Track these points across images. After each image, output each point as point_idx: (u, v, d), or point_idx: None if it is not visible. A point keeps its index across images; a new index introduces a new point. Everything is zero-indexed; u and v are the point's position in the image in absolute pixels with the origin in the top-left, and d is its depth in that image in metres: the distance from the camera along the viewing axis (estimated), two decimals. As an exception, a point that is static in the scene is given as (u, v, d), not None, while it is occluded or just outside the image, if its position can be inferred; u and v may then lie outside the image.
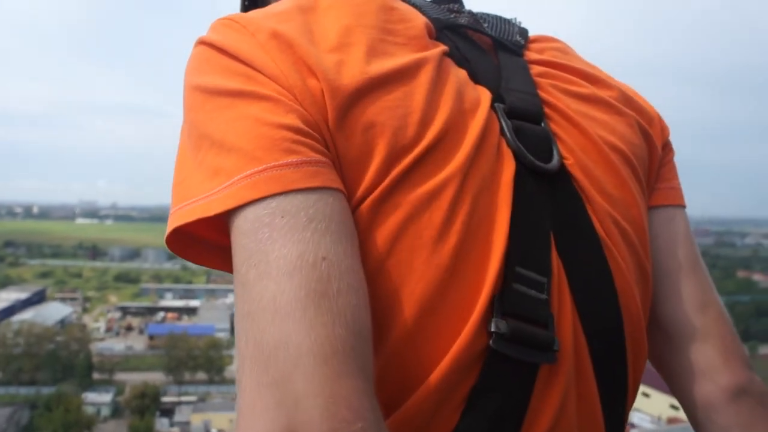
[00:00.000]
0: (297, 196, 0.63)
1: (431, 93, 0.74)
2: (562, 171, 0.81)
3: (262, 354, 0.58)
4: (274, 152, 0.65)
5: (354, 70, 0.72)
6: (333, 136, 0.69)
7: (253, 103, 0.68)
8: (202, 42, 0.77)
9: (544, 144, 0.81)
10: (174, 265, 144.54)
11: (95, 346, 77.80)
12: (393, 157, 0.70)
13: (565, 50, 0.98)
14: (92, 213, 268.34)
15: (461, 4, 0.95)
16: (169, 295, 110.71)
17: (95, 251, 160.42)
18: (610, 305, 0.79)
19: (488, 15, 0.96)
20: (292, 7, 0.78)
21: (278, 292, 0.59)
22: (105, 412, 60.90)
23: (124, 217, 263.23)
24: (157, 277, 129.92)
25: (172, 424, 55.08)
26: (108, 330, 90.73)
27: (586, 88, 0.91)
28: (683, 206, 0.97)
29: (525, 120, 0.81)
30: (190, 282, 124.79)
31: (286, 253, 0.60)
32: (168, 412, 58.07)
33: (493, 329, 0.69)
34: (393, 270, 0.69)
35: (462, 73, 0.81)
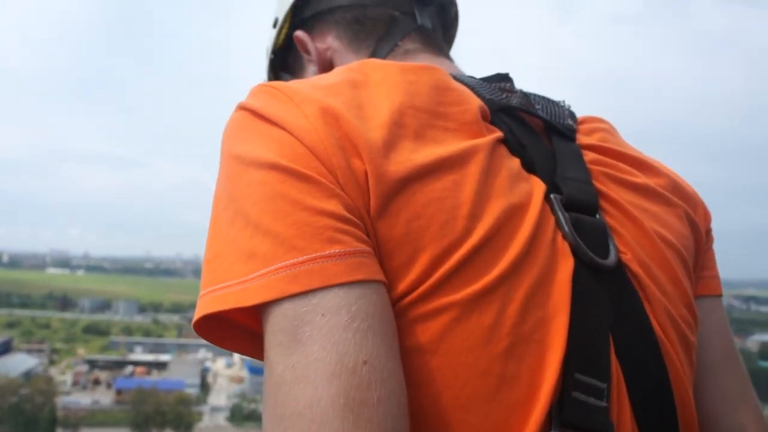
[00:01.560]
0: (339, 291, 0.60)
1: (482, 185, 0.71)
2: (619, 266, 0.78)
3: None
4: (315, 242, 0.61)
5: (401, 156, 0.68)
6: (374, 223, 0.66)
7: (292, 183, 0.64)
8: (242, 108, 0.74)
9: (601, 238, 0.77)
10: (145, 318, 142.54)
11: (61, 400, 76.02)
12: (440, 254, 0.66)
13: (612, 132, 0.95)
14: (63, 262, 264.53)
15: (512, 83, 0.91)
16: (139, 348, 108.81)
17: (65, 301, 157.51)
18: (668, 410, 0.76)
19: (538, 96, 0.91)
20: (342, 81, 0.75)
21: (315, 399, 0.56)
22: (68, 469, 58.93)
23: (95, 267, 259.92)
24: (128, 330, 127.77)
25: (137, 483, 53.31)
26: (75, 383, 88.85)
27: (639, 178, 0.87)
28: (721, 295, 0.95)
29: (581, 212, 0.78)
30: (161, 336, 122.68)
31: (326, 356, 0.57)
32: (133, 470, 56.28)
33: None
34: (438, 373, 0.65)
35: (515, 163, 0.77)
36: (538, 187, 0.76)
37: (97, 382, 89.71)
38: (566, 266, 0.72)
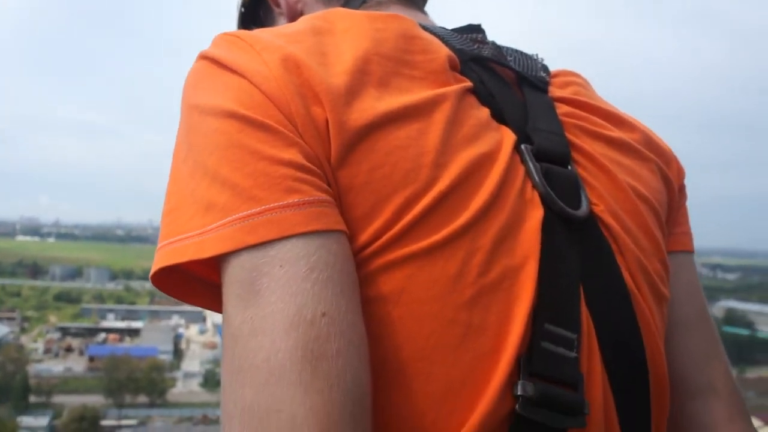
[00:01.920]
0: (297, 242, 0.59)
1: (447, 133, 0.69)
2: (591, 218, 0.77)
3: (252, 418, 0.54)
4: (273, 192, 0.60)
5: (364, 104, 0.66)
6: (335, 172, 0.64)
7: (250, 132, 0.63)
8: (203, 56, 0.72)
9: (573, 189, 0.76)
10: (117, 286, 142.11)
11: (33, 368, 76.07)
12: (403, 203, 0.64)
13: (586, 86, 0.94)
14: (34, 230, 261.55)
15: (484, 35, 0.89)
16: (111, 316, 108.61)
17: (35, 269, 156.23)
18: (639, 362, 0.75)
19: (511, 49, 0.90)
20: (305, 28, 0.73)
21: (273, 352, 0.55)
22: (41, 435, 59.35)
23: (66, 234, 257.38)
24: (100, 298, 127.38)
25: (111, 449, 53.88)
26: (47, 351, 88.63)
27: (612, 131, 0.87)
28: (693, 252, 0.95)
29: (552, 162, 0.77)
30: (133, 303, 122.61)
31: (283, 308, 0.56)
32: (107, 436, 56.79)
33: (519, 393, 0.64)
34: (399, 324, 0.63)
35: (484, 112, 0.76)
36: (507, 137, 0.75)
37: (69, 349, 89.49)
38: (535, 215, 0.71)
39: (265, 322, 0.56)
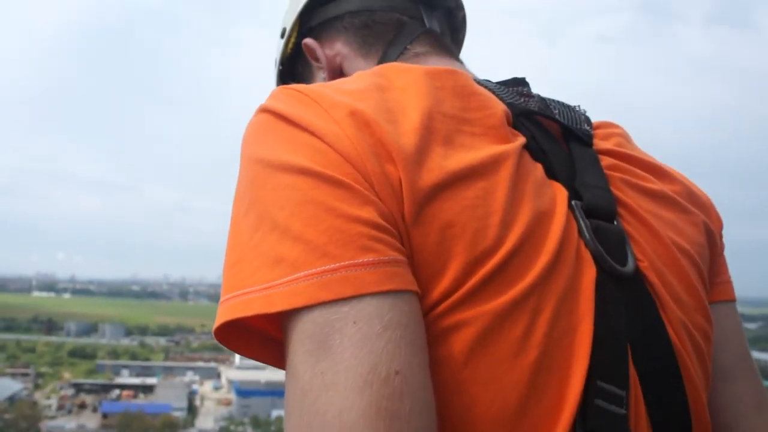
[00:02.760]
0: (371, 300, 0.58)
1: (512, 191, 0.70)
2: (636, 274, 0.77)
3: None
4: (348, 249, 0.60)
5: (432, 163, 0.67)
6: (408, 230, 0.64)
7: (326, 188, 0.63)
8: (265, 110, 0.71)
9: (620, 245, 0.77)
10: (131, 342, 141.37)
11: (45, 425, 75.01)
12: (473, 262, 0.65)
13: (626, 137, 0.94)
14: (49, 286, 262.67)
15: (529, 88, 0.90)
16: (125, 372, 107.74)
17: (51, 325, 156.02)
18: (683, 419, 0.76)
19: (554, 101, 0.90)
20: (368, 85, 0.73)
21: (345, 408, 0.54)
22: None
23: (82, 290, 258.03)
24: (114, 353, 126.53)
25: None
26: (60, 408, 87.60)
27: (654, 184, 0.87)
28: (735, 300, 0.95)
29: (600, 218, 0.77)
30: (147, 359, 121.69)
31: (357, 365, 0.56)
32: (119, 495, 55.53)
33: None
34: (468, 385, 0.63)
35: (539, 169, 0.77)
36: (560, 193, 0.76)
37: (83, 405, 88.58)
38: (589, 274, 0.72)
39: (338, 377, 0.55)
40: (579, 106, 0.92)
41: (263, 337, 0.68)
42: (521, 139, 0.76)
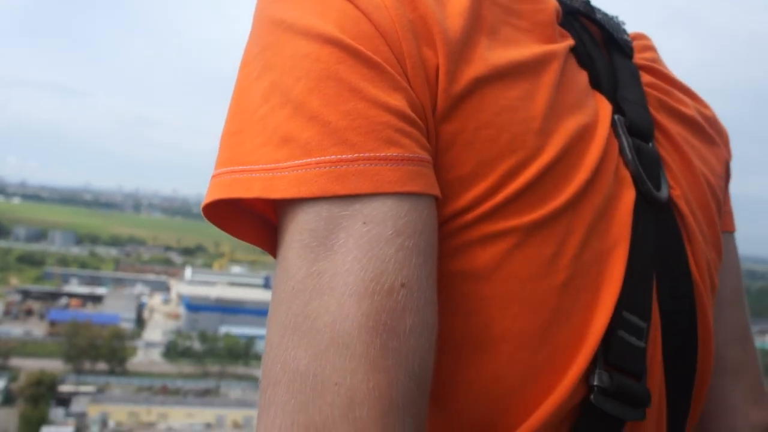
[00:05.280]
0: (387, 200, 0.52)
1: (554, 98, 0.64)
2: (668, 202, 0.74)
3: (304, 386, 0.48)
4: (370, 139, 0.53)
5: (475, 54, 0.60)
6: (438, 125, 0.58)
7: (352, 64, 0.55)
8: None
9: (656, 169, 0.73)
10: (82, 250, 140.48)
11: (-9, 329, 74.97)
12: (508, 171, 0.59)
13: (656, 51, 0.90)
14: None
15: None
16: (74, 280, 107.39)
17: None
18: (691, 353, 0.75)
19: (595, 6, 0.83)
20: None
21: (340, 317, 0.49)
22: (-4, 398, 58.77)
23: (33, 196, 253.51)
24: (63, 261, 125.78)
25: (67, 415, 53.41)
26: (6, 313, 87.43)
27: (688, 108, 0.84)
28: (734, 230, 0.93)
29: (639, 138, 0.73)
30: (97, 268, 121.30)
31: (360, 270, 0.50)
32: (64, 401, 56.30)
33: (596, 383, 0.62)
34: (489, 302, 0.59)
35: (584, 76, 0.72)
36: (604, 106, 0.71)
37: (29, 312, 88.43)
38: (628, 196, 0.68)
39: (336, 281, 0.50)
40: (617, 16, 0.86)
41: (257, 216, 0.61)
42: (569, 41, 0.71)
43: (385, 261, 0.50)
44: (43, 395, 55.51)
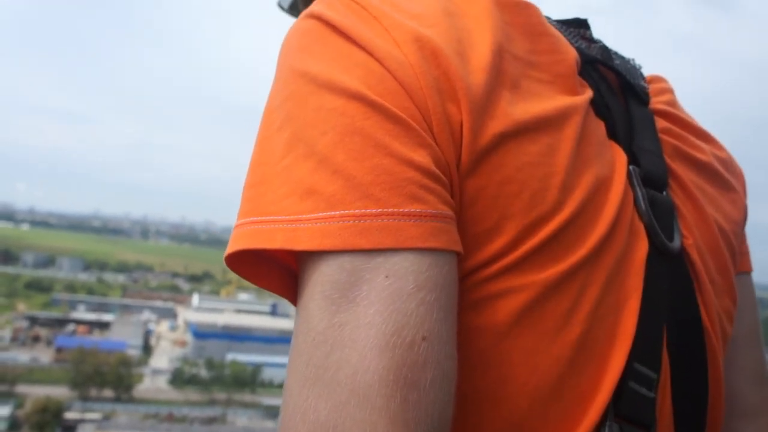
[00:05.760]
0: (409, 255, 0.52)
1: (575, 152, 0.64)
2: (681, 252, 0.74)
3: None
4: (394, 195, 0.53)
5: (498, 109, 0.60)
6: (462, 180, 0.58)
7: (378, 120, 0.55)
8: (314, 16, 0.63)
9: (669, 218, 0.73)
10: (89, 277, 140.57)
11: (-2, 355, 74.80)
12: (529, 226, 0.60)
13: (673, 92, 0.89)
14: (8, 216, 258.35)
15: (591, 31, 0.83)
16: (81, 307, 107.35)
17: (7, 255, 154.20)
18: (702, 403, 0.74)
19: (613, 51, 0.84)
20: (435, 8, 0.64)
21: (361, 369, 0.49)
22: (1, 426, 58.39)
23: (41, 222, 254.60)
24: (71, 288, 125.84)
25: (73, 442, 53.11)
26: (13, 339, 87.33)
27: (704, 154, 0.83)
28: (752, 271, 0.93)
29: (654, 188, 0.73)
30: (105, 295, 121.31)
31: (381, 324, 0.50)
32: (70, 429, 55.96)
33: None
34: (506, 357, 0.59)
35: (601, 127, 0.72)
36: (620, 157, 0.71)
37: (36, 339, 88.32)
38: (641, 249, 0.69)
39: (358, 334, 0.50)
40: (633, 59, 0.87)
41: (279, 265, 0.61)
42: (588, 93, 0.71)
43: (406, 315, 0.50)
44: (49, 422, 55.20)
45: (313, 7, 0.63)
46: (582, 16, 0.83)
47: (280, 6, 1.03)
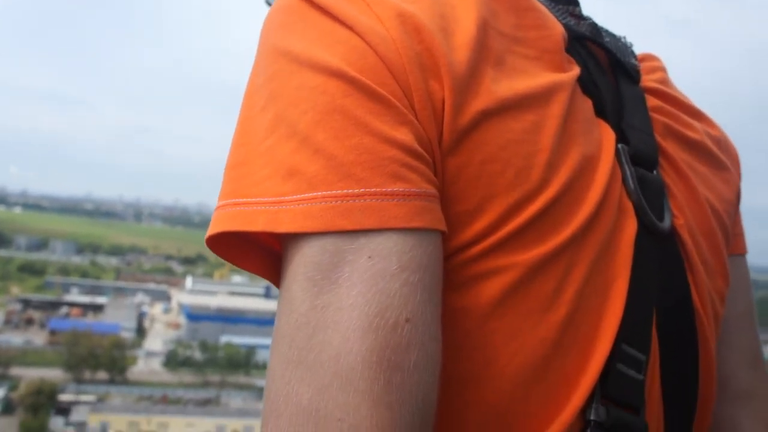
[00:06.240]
0: (392, 235, 0.52)
1: (561, 130, 0.63)
2: (671, 232, 0.73)
3: (306, 421, 0.48)
4: (376, 174, 0.52)
5: (482, 86, 0.59)
6: (444, 158, 0.57)
7: (359, 98, 0.54)
8: None
9: (659, 198, 0.73)
10: (82, 260, 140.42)
11: (-9, 338, 74.87)
12: (513, 205, 0.59)
13: (666, 71, 0.88)
14: (0, 199, 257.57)
15: (581, 8, 0.81)
16: (75, 289, 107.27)
17: (0, 239, 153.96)
18: (692, 385, 0.74)
19: (603, 28, 0.82)
20: None
21: (344, 351, 0.48)
22: (-4, 407, 58.59)
23: (33, 205, 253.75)
24: (64, 271, 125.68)
25: (67, 424, 53.24)
26: (7, 322, 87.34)
27: (695, 132, 0.82)
28: (746, 253, 0.92)
29: (643, 166, 0.72)
30: (98, 278, 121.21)
31: (364, 305, 0.49)
32: (64, 411, 56.11)
33: (593, 417, 0.61)
34: (491, 338, 0.58)
35: (589, 105, 0.70)
36: (607, 135, 0.70)
37: (30, 321, 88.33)
38: (630, 228, 0.68)
39: (340, 315, 0.50)
40: (624, 37, 0.85)
41: (261, 247, 0.60)
42: (576, 70, 0.70)
43: (389, 296, 0.50)
44: (43, 404, 55.37)
45: None
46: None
47: (268, 3, 1.01)
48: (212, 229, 0.56)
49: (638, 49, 0.86)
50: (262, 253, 0.60)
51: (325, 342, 0.49)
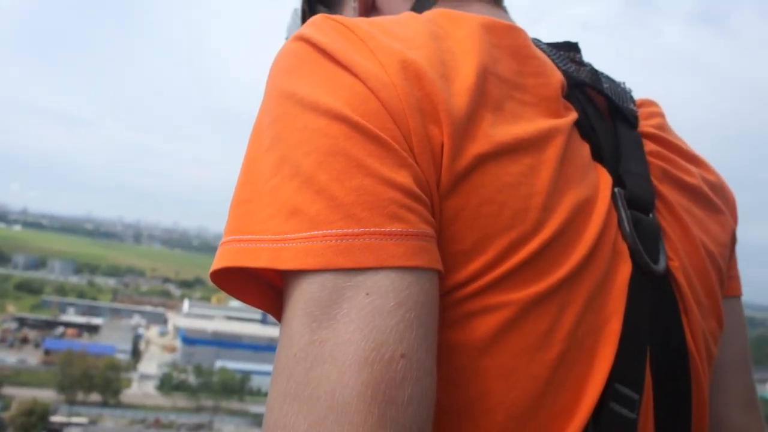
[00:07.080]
0: (390, 273, 0.53)
1: (557, 173, 0.65)
2: (666, 274, 0.75)
3: None
4: (375, 214, 0.54)
5: (479, 131, 0.61)
6: (442, 200, 0.59)
7: (360, 141, 0.56)
8: (302, 38, 0.64)
9: (654, 240, 0.74)
10: (80, 280, 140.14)
11: (-15, 357, 74.45)
12: (509, 246, 0.60)
13: (665, 117, 0.90)
14: (0, 216, 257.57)
15: (581, 55, 0.85)
16: (71, 309, 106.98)
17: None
18: (685, 426, 0.74)
19: (603, 74, 0.85)
20: (422, 32, 0.66)
21: (340, 385, 0.50)
22: (-13, 426, 58.13)
23: (33, 224, 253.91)
24: (61, 290, 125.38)
25: (58, 446, 52.84)
26: (2, 341, 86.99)
27: (692, 177, 0.84)
28: (741, 295, 0.94)
29: (639, 210, 0.74)
30: (95, 298, 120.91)
31: (361, 340, 0.51)
32: (55, 432, 55.74)
33: None
34: (484, 375, 0.60)
35: (586, 149, 0.73)
36: (604, 179, 0.72)
37: (25, 340, 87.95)
38: (624, 270, 0.69)
39: (338, 350, 0.51)
40: (624, 82, 0.88)
41: (264, 282, 0.62)
42: (573, 115, 0.72)
43: (386, 332, 0.51)
44: (35, 425, 54.90)
45: (302, 30, 0.65)
46: (585, 32, 0.96)
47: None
48: (217, 264, 0.58)
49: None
50: (264, 288, 0.62)
51: (322, 376, 0.50)
